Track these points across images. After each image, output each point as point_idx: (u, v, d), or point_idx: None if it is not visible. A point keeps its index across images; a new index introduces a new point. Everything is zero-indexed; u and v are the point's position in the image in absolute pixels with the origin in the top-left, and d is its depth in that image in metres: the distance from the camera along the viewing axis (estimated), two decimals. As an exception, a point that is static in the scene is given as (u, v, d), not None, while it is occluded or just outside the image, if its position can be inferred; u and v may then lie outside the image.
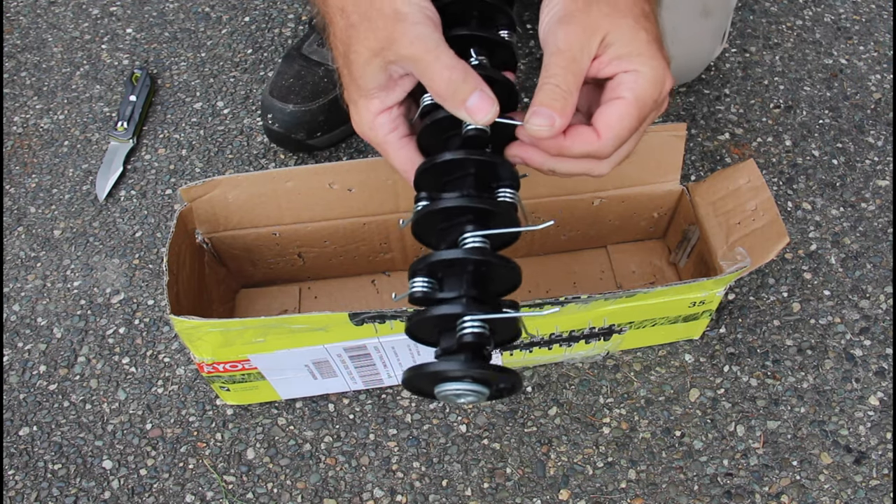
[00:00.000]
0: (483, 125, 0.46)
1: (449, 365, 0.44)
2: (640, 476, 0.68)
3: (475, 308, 0.45)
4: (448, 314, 0.45)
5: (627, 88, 0.45)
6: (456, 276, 0.46)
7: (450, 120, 0.48)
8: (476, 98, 0.44)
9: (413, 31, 0.44)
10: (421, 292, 0.46)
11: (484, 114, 0.44)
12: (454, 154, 0.46)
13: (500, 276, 0.47)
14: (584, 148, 0.46)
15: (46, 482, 0.69)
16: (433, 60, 0.44)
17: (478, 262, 0.45)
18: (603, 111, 0.46)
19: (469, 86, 0.44)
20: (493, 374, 0.44)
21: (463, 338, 0.44)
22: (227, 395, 0.70)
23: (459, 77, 0.44)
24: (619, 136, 0.46)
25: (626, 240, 0.81)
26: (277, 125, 0.85)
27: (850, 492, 0.67)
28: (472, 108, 0.44)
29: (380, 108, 0.49)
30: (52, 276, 0.82)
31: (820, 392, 0.72)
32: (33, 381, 0.75)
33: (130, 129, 0.93)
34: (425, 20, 0.45)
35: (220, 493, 0.68)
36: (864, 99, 0.95)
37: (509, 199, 0.49)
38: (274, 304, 0.78)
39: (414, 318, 0.47)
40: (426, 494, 0.68)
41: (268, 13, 1.06)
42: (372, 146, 0.52)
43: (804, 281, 0.80)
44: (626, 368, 0.74)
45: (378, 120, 0.49)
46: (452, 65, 0.44)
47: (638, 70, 0.45)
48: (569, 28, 0.45)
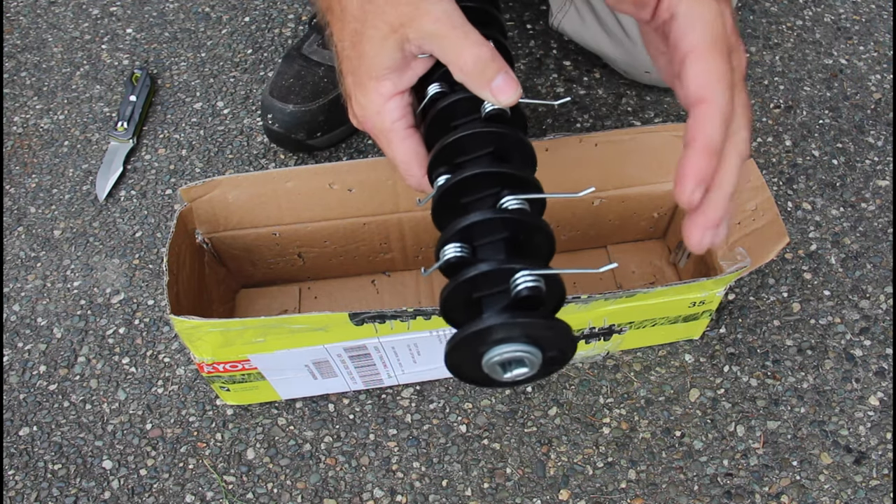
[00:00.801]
0: (507, 106, 0.45)
1: (501, 318, 0.38)
2: (640, 476, 0.68)
3: (528, 264, 0.40)
4: (500, 269, 0.40)
5: (690, 36, 0.39)
6: (492, 242, 0.43)
7: (463, 104, 0.46)
8: (502, 78, 0.44)
9: (439, 7, 0.44)
10: (456, 257, 0.42)
11: (508, 95, 0.44)
12: (476, 128, 0.45)
13: (537, 243, 0.44)
14: (711, 130, 0.39)
15: (46, 482, 0.69)
16: (461, 37, 0.44)
17: (519, 223, 0.42)
18: (684, 78, 0.39)
19: (497, 64, 0.44)
20: (550, 330, 0.38)
21: (519, 293, 0.39)
22: (227, 396, 0.70)
23: (488, 55, 0.44)
24: (720, 88, 0.38)
25: (626, 240, 0.81)
26: (277, 125, 0.85)
27: (850, 492, 0.67)
28: (497, 87, 0.44)
29: (391, 92, 0.47)
30: (52, 276, 0.82)
31: (820, 392, 0.72)
32: (33, 381, 0.75)
33: (130, 129, 0.93)
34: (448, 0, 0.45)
35: (220, 493, 0.68)
36: (864, 99, 0.95)
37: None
38: (274, 304, 0.78)
39: (452, 283, 0.40)
40: (426, 494, 0.68)
41: (268, 13, 1.06)
42: (373, 138, 0.50)
43: (804, 281, 0.80)
44: (626, 368, 0.74)
45: (388, 105, 0.48)
46: (481, 42, 0.44)
47: (688, 10, 0.40)
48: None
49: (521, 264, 0.40)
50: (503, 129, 0.46)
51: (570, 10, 0.91)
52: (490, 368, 0.40)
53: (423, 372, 0.71)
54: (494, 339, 0.39)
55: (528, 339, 0.39)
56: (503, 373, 0.40)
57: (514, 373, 0.40)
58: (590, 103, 0.95)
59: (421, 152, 0.49)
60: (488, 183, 0.45)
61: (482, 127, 0.45)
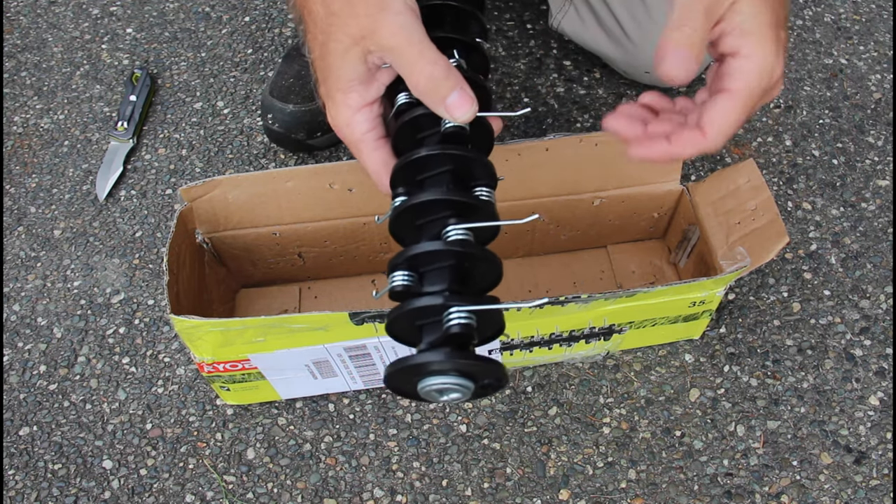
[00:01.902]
0: (462, 122, 0.45)
1: (434, 356, 0.41)
2: (640, 476, 0.68)
3: (460, 300, 0.43)
4: (433, 305, 0.43)
5: (736, 78, 0.44)
6: (438, 269, 0.45)
7: (427, 118, 0.47)
8: (456, 95, 0.44)
9: (396, 21, 0.44)
10: (401, 286, 0.44)
11: (464, 111, 0.44)
12: (432, 149, 0.46)
13: (482, 270, 0.46)
14: (693, 151, 0.45)
15: (46, 482, 0.69)
16: (416, 54, 0.44)
17: (461, 254, 0.44)
18: (710, 108, 0.44)
19: (450, 82, 0.44)
20: (481, 367, 0.41)
21: (450, 329, 0.42)
22: (228, 395, 0.70)
23: (441, 73, 0.44)
24: (725, 133, 0.44)
25: (626, 240, 0.81)
26: (277, 125, 0.85)
27: (850, 492, 0.67)
28: (451, 105, 0.44)
29: (359, 104, 0.47)
30: (53, 276, 0.82)
31: (820, 392, 0.72)
32: (33, 381, 0.75)
33: (130, 128, 0.93)
34: (408, 11, 0.44)
35: (220, 493, 0.68)
36: (865, 99, 0.95)
37: (487, 197, 0.48)
38: (274, 304, 0.78)
39: (394, 312, 0.44)
40: (426, 494, 0.68)
41: (268, 13, 1.06)
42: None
43: (804, 281, 0.80)
44: (626, 368, 0.74)
45: (356, 117, 0.48)
46: (435, 59, 0.44)
47: (749, 56, 0.44)
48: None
49: (454, 300, 0.42)
50: (457, 151, 0.46)
51: (570, 11, 0.91)
52: (425, 394, 0.43)
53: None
54: (427, 372, 0.42)
55: (459, 373, 0.41)
56: (438, 397, 0.43)
57: (447, 398, 0.43)
58: (590, 103, 0.95)
59: (390, 162, 0.49)
60: (438, 209, 0.46)
61: (437, 149, 0.46)
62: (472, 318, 0.43)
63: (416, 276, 0.45)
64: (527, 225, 0.75)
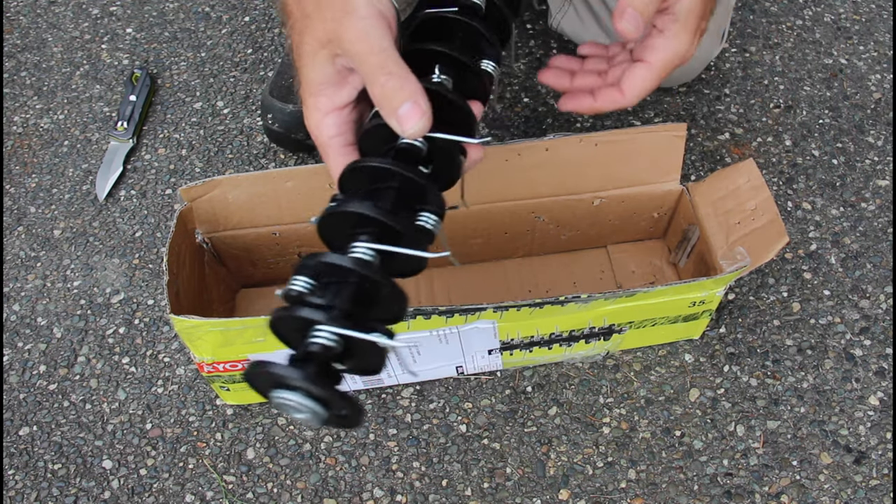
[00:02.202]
0: (408, 137, 0.43)
1: (289, 371, 0.38)
2: (640, 476, 0.68)
3: (336, 320, 0.40)
4: (303, 318, 0.40)
5: (656, 53, 0.51)
6: (337, 284, 0.42)
7: (389, 129, 0.44)
8: (407, 107, 0.42)
9: (359, 27, 0.42)
10: (296, 292, 0.42)
11: (411, 124, 0.42)
12: (378, 162, 0.43)
13: (385, 299, 0.42)
14: (613, 107, 0.54)
15: (46, 482, 0.69)
16: (375, 63, 0.42)
17: (359, 274, 0.41)
18: (630, 74, 0.52)
19: (404, 93, 0.42)
20: (331, 397, 0.38)
21: (309, 346, 0.40)
22: (227, 395, 0.70)
23: (395, 84, 0.42)
24: (640, 95, 0.53)
25: (626, 240, 0.81)
26: (277, 125, 0.85)
27: (849, 491, 0.67)
28: (401, 116, 0.42)
29: (328, 108, 0.46)
30: (52, 276, 0.82)
31: (820, 392, 0.72)
32: (33, 381, 0.75)
33: (130, 128, 0.93)
34: (375, 16, 0.43)
35: (220, 493, 0.68)
36: (864, 99, 0.95)
37: (428, 225, 0.45)
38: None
39: (276, 313, 0.42)
40: (426, 494, 0.68)
41: (268, 13, 1.06)
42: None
43: (804, 281, 0.80)
44: (626, 368, 0.74)
45: (325, 120, 0.47)
46: (392, 70, 0.42)
47: (671, 38, 0.51)
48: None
49: (327, 319, 0.39)
50: (400, 169, 0.43)
51: (569, 11, 0.91)
52: (276, 405, 0.40)
53: (423, 371, 0.71)
54: (276, 383, 0.39)
55: (308, 394, 0.38)
56: (289, 411, 0.40)
57: (297, 416, 0.40)
58: (590, 103, 0.95)
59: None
60: (359, 223, 0.43)
61: (382, 162, 0.43)
62: (337, 342, 0.40)
63: (317, 285, 0.42)
64: (527, 225, 0.75)
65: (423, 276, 0.79)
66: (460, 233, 0.75)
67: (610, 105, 0.54)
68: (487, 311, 0.61)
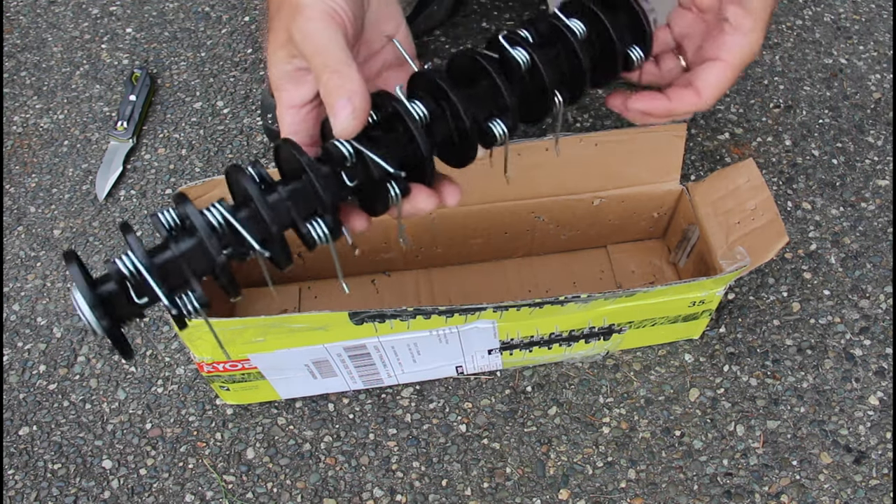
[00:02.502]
0: (336, 135, 0.41)
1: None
2: (639, 476, 0.68)
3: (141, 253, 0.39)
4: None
5: (731, 51, 0.49)
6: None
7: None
8: (340, 103, 0.41)
9: (307, 27, 0.43)
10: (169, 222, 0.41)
11: (340, 119, 0.41)
12: (293, 150, 0.42)
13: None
14: (687, 108, 0.50)
15: (46, 482, 0.69)
16: (319, 62, 0.42)
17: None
18: (704, 73, 0.49)
19: (341, 91, 0.41)
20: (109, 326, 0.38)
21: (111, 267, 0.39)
22: (227, 395, 0.70)
23: (336, 81, 0.41)
24: (717, 95, 0.50)
25: (625, 240, 0.81)
26: (277, 125, 0.85)
27: (849, 491, 0.67)
28: (334, 109, 0.41)
29: (287, 103, 0.46)
30: (52, 276, 0.82)
31: (820, 392, 0.72)
32: (33, 381, 0.75)
33: (130, 128, 0.93)
34: (323, 17, 0.43)
35: (220, 493, 0.68)
36: (864, 98, 0.95)
37: (315, 231, 0.43)
38: (274, 303, 0.78)
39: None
40: (426, 494, 0.68)
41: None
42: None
43: (804, 280, 0.80)
44: (625, 368, 0.74)
45: (285, 116, 0.47)
46: (334, 68, 0.42)
47: (746, 34, 0.48)
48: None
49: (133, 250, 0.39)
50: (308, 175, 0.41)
51: (570, 10, 0.91)
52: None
53: (423, 371, 0.71)
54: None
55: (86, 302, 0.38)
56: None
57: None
58: (589, 103, 0.95)
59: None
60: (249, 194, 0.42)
61: (299, 158, 0.41)
62: (136, 276, 0.39)
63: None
64: (527, 225, 0.75)
65: (422, 276, 0.80)
66: (460, 233, 0.75)
67: (686, 106, 0.50)
68: (487, 311, 0.61)
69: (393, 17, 0.49)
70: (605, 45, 0.47)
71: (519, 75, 0.45)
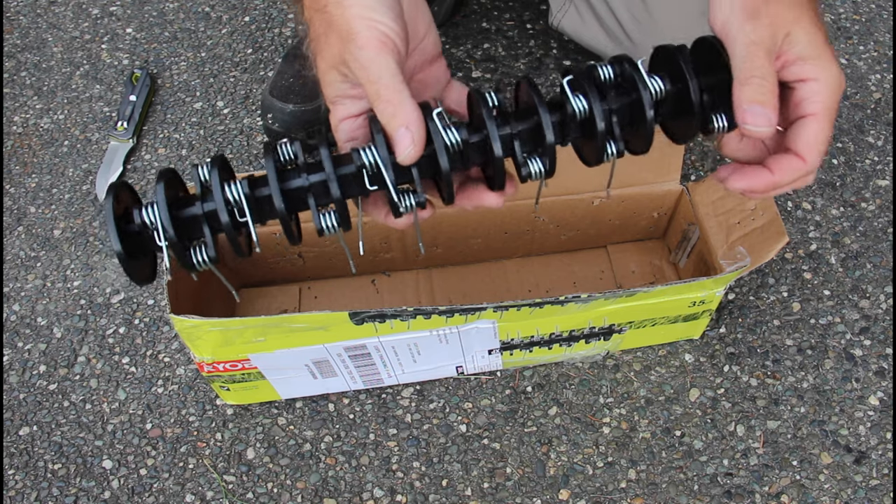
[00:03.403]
0: (401, 161, 0.44)
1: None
2: (640, 476, 0.68)
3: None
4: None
5: (815, 102, 0.45)
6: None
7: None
8: (400, 133, 0.44)
9: (360, 56, 0.44)
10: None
11: (402, 148, 0.44)
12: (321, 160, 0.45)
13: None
14: (794, 176, 0.46)
15: (46, 482, 0.69)
16: (372, 92, 0.44)
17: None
18: (799, 132, 0.46)
19: (397, 121, 0.44)
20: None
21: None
22: (227, 395, 0.70)
23: (391, 111, 0.44)
24: (821, 152, 0.46)
25: (626, 239, 0.81)
26: (277, 125, 0.85)
27: (850, 491, 0.67)
28: (396, 140, 0.44)
29: (342, 115, 0.48)
30: (52, 276, 0.82)
31: (820, 392, 0.72)
32: (33, 381, 0.75)
33: (130, 128, 0.93)
34: (374, 44, 0.44)
35: (220, 493, 0.68)
36: (865, 99, 0.95)
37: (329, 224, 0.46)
38: (274, 303, 0.78)
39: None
40: (426, 494, 0.68)
41: (268, 13, 1.06)
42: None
43: (804, 281, 0.80)
44: (626, 368, 0.74)
45: (341, 126, 0.49)
46: (387, 98, 0.44)
47: (819, 78, 0.45)
48: (758, 22, 0.44)
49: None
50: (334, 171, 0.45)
51: (570, 10, 0.91)
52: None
53: (424, 371, 0.71)
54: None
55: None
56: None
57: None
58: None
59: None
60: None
61: (327, 164, 0.45)
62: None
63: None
64: (527, 225, 0.75)
65: (422, 276, 0.80)
66: (460, 233, 0.75)
67: (792, 174, 0.46)
68: (487, 311, 0.61)
69: (423, 19, 0.50)
70: (683, 104, 0.46)
71: (575, 120, 0.45)
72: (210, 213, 0.44)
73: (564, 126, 0.45)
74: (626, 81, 0.45)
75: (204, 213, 0.44)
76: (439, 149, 0.44)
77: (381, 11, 0.45)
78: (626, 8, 0.85)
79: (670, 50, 0.46)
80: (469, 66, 0.99)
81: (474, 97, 0.46)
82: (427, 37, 0.51)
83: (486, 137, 0.44)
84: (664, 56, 0.46)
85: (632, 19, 0.85)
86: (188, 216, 0.44)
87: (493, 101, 0.45)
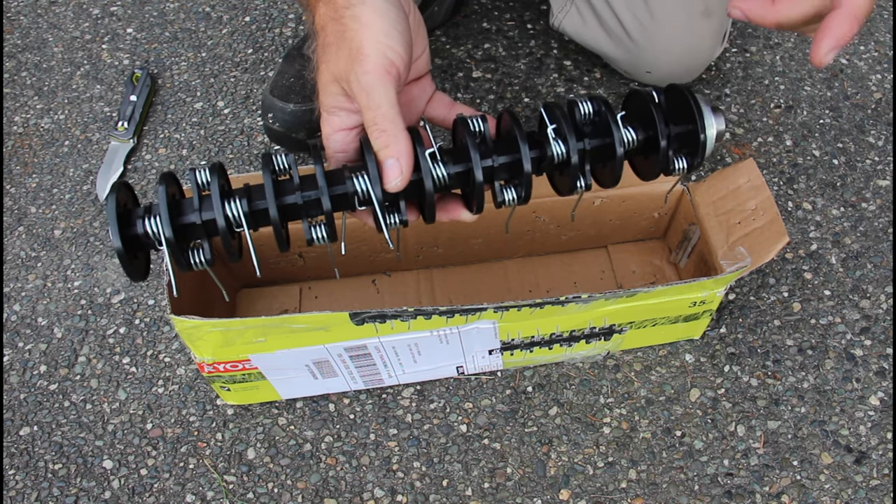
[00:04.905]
0: (388, 190, 0.47)
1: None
2: (640, 476, 0.68)
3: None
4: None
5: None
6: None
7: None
8: (390, 163, 0.46)
9: (364, 80, 0.46)
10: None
11: (389, 178, 0.46)
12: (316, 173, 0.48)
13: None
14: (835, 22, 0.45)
15: (47, 482, 0.69)
16: (369, 118, 0.46)
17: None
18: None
19: (388, 151, 0.46)
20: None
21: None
22: (228, 395, 0.70)
23: (384, 140, 0.46)
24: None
25: (626, 240, 0.81)
26: (278, 125, 0.85)
27: (850, 492, 0.67)
28: (385, 169, 0.46)
29: (337, 127, 0.50)
30: (53, 276, 0.82)
31: (820, 392, 0.72)
32: (34, 381, 0.75)
33: (131, 128, 0.93)
34: (379, 70, 0.46)
35: (221, 493, 0.68)
36: (865, 99, 0.95)
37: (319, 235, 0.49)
38: (274, 304, 0.78)
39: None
40: (426, 494, 0.68)
41: (268, 13, 1.06)
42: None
43: (804, 281, 0.80)
44: (626, 368, 0.74)
45: (334, 136, 0.50)
46: (383, 127, 0.46)
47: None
48: None
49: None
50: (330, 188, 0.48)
51: (571, 10, 0.91)
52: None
53: (424, 372, 0.71)
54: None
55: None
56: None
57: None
58: (590, 103, 0.95)
59: None
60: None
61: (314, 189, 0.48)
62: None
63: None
64: (527, 224, 0.75)
65: (423, 276, 0.80)
66: (461, 233, 0.75)
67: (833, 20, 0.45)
68: (488, 311, 0.61)
69: (421, 42, 0.52)
70: (651, 149, 0.50)
71: (551, 159, 0.49)
72: (209, 221, 0.47)
73: (541, 161, 0.50)
74: (601, 123, 0.50)
75: (203, 221, 0.47)
76: (427, 184, 0.47)
77: (394, 37, 0.46)
78: (628, 8, 0.85)
79: (643, 96, 0.50)
80: (469, 66, 0.99)
81: (459, 126, 0.49)
82: (421, 57, 0.53)
83: (470, 169, 0.48)
84: (637, 101, 0.50)
85: (633, 19, 0.85)
86: (187, 223, 0.47)
87: (478, 127, 0.49)
